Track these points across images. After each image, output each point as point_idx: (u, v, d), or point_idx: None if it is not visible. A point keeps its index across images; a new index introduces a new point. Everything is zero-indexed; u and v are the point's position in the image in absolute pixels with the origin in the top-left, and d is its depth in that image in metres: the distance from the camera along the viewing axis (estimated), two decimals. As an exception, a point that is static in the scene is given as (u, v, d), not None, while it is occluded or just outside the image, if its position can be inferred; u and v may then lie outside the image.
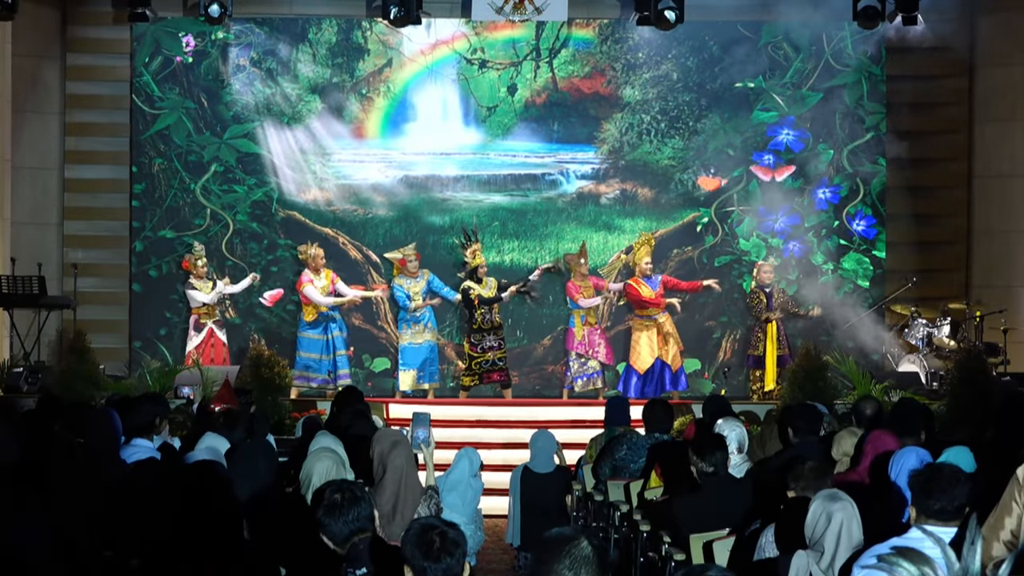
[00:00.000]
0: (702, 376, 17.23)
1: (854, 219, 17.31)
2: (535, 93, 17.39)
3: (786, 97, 17.31)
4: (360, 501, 5.19)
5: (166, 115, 17.23)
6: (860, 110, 17.31)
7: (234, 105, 17.24)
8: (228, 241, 17.20)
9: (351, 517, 5.15)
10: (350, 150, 17.36)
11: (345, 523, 5.15)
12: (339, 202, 17.30)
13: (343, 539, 5.16)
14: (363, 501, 5.20)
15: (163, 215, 17.25)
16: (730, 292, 17.22)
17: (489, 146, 17.43)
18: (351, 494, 5.21)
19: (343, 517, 5.15)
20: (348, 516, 5.15)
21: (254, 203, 17.25)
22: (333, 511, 5.16)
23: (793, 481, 6.32)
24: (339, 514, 5.16)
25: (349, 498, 5.18)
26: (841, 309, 16.71)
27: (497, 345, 15.62)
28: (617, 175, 17.44)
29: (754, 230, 17.26)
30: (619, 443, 9.60)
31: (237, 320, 17.09)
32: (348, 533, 5.15)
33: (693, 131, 17.26)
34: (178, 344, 16.76)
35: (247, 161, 17.27)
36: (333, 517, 5.15)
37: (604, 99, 17.37)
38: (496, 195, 17.42)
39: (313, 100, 17.29)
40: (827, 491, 5.69)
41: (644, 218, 17.39)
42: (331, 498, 5.18)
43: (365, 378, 17.00)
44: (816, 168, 17.28)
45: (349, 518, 5.15)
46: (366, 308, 17.28)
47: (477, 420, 14.96)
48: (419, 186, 17.38)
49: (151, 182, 17.27)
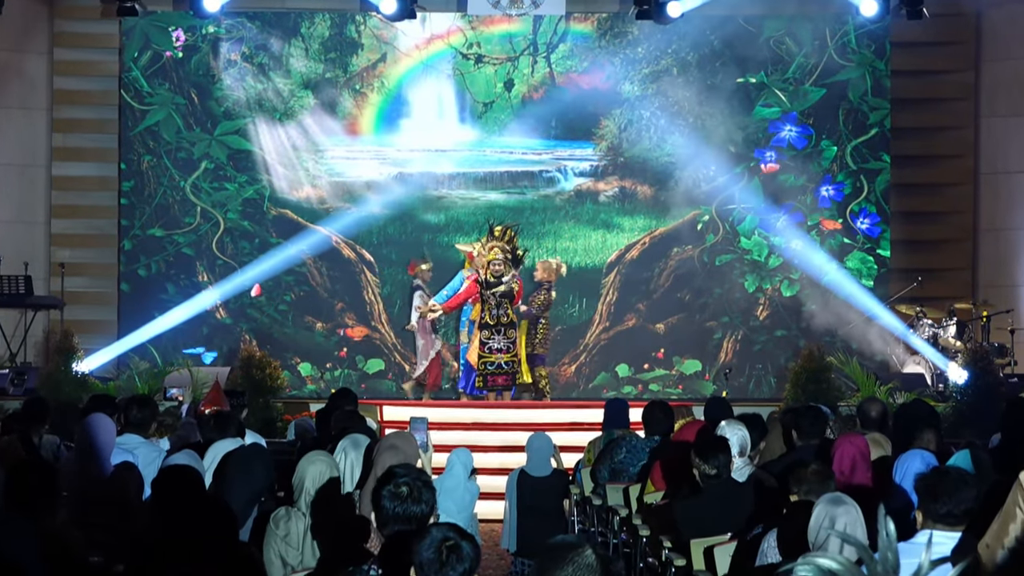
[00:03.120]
0: (703, 378, 17.23)
1: (858, 217, 17.30)
2: (532, 88, 17.38)
3: (788, 92, 17.30)
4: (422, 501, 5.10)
5: (155, 111, 17.21)
6: (864, 106, 17.31)
7: (225, 101, 17.22)
8: (219, 240, 17.19)
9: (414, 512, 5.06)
10: (343, 147, 17.34)
11: (398, 520, 5.05)
12: (332, 200, 17.29)
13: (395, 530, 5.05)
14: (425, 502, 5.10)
15: (152, 213, 17.23)
16: (732, 292, 17.21)
17: (485, 143, 17.42)
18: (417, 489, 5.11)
19: (409, 510, 5.04)
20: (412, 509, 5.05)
21: (245, 201, 17.24)
22: (397, 500, 5.06)
23: (796, 485, 6.31)
24: (399, 504, 5.05)
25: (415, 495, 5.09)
26: (845, 309, 16.70)
27: (506, 348, 15.52)
28: (616, 172, 17.43)
29: (756, 228, 17.25)
30: (618, 446, 9.59)
31: (227, 320, 17.07)
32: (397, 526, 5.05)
33: (693, 127, 17.25)
34: (167, 345, 16.74)
35: (238, 158, 17.25)
36: (399, 504, 5.05)
37: (602, 94, 17.35)
38: (492, 193, 17.41)
39: (306, 96, 17.27)
40: (830, 495, 5.68)
41: (643, 216, 17.39)
42: (397, 489, 5.08)
43: (359, 380, 16.98)
44: (819, 165, 17.28)
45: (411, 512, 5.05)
46: (359, 308, 17.28)
47: (473, 422, 14.93)
48: (414, 183, 17.36)
49: (140, 179, 17.25)
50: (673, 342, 17.30)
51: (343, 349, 17.14)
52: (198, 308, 16.90)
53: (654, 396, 15.98)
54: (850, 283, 17.05)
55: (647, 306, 17.35)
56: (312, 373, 17.15)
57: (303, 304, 17.25)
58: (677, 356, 17.28)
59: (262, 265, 17.03)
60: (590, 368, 17.35)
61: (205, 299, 16.91)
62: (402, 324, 17.14)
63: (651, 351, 17.29)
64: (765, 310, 17.33)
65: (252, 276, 17.01)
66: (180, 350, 16.57)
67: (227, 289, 17.00)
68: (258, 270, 17.05)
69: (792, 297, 17.16)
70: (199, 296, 16.92)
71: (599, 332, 17.33)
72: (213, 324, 17.09)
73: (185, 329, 16.88)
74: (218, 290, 16.96)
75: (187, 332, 16.90)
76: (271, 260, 17.07)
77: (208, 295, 16.93)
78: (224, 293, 17.01)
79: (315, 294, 17.27)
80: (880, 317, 16.63)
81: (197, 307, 16.90)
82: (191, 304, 16.91)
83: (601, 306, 17.29)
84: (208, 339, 17.02)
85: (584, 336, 17.33)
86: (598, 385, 17.23)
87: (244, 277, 17.00)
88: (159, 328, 16.77)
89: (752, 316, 17.29)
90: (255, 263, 17.05)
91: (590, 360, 17.35)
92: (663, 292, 17.37)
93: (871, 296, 17.01)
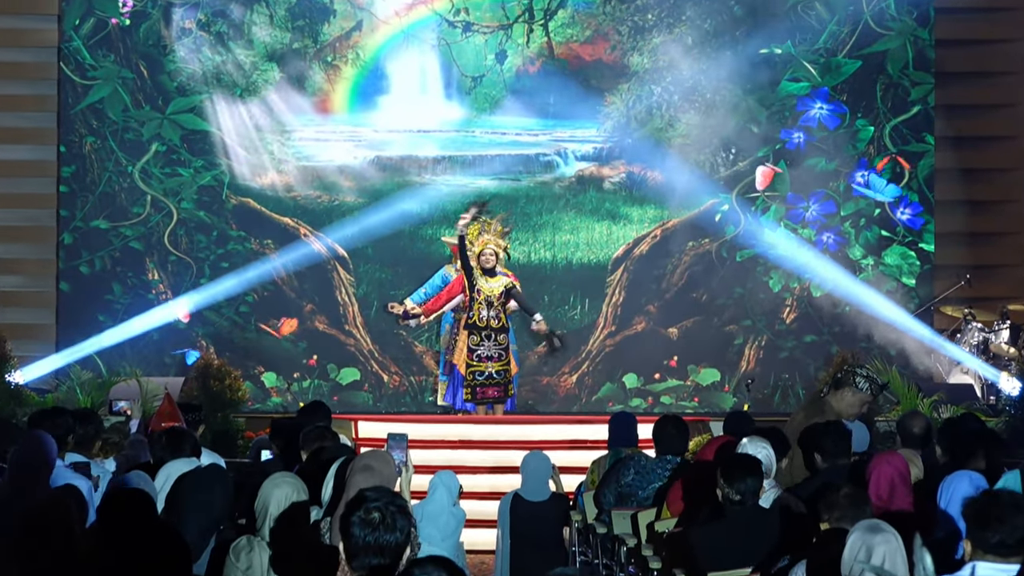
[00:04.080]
0: (722, 389, 17.24)
1: (898, 207, 17.31)
2: (528, 61, 17.38)
3: (819, 66, 17.31)
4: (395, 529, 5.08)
5: (99, 86, 17.19)
6: (905, 80, 17.32)
7: (178, 75, 17.20)
8: (171, 233, 17.17)
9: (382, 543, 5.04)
10: (313, 127, 17.33)
11: (368, 550, 5.04)
12: (300, 187, 17.28)
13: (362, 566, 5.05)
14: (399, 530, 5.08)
15: (96, 203, 17.21)
16: (755, 292, 17.22)
17: (474, 122, 17.42)
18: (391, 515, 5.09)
19: (374, 539, 5.03)
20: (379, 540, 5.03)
21: (202, 189, 17.22)
22: (368, 527, 5.04)
23: (826, 511, 6.30)
24: (370, 533, 5.03)
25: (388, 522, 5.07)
26: (883, 311, 16.71)
27: (497, 355, 15.51)
28: (623, 156, 17.43)
29: (782, 219, 17.26)
30: (625, 466, 9.58)
31: (181, 324, 17.06)
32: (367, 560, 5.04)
33: (711, 105, 17.25)
34: (113, 352, 16.72)
35: (193, 140, 17.23)
36: (363, 531, 5.03)
37: (608, 68, 17.36)
38: (483, 179, 17.40)
39: (270, 69, 17.26)
40: (867, 521, 5.67)
41: (654, 205, 17.40)
42: (368, 516, 5.06)
43: (331, 391, 16.98)
44: (853, 148, 17.29)
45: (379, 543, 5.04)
46: (332, 310, 17.27)
47: (460, 440, 14.92)
48: (393, 169, 17.35)
49: (82, 164, 17.22)
50: (688, 349, 17.30)
51: (312, 357, 17.13)
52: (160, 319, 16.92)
53: (666, 410, 15.99)
54: (889, 282, 17.06)
55: (658, 308, 17.35)
56: (278, 384, 17.14)
57: (267, 306, 17.23)
58: (692, 364, 17.28)
59: (220, 261, 17.03)
60: (593, 378, 17.35)
61: (168, 310, 16.91)
62: (379, 329, 17.15)
63: (663, 359, 17.28)
64: (792, 312, 17.34)
65: (208, 274, 16.99)
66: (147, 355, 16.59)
67: (177, 284, 17.01)
68: (216, 267, 17.04)
69: (823, 297, 17.16)
70: (162, 307, 16.93)
71: (604, 337, 17.34)
72: (164, 327, 17.05)
73: (133, 334, 16.83)
74: (188, 299, 16.94)
75: (136, 339, 16.86)
76: (232, 257, 17.07)
77: (175, 307, 16.94)
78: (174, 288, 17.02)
79: (281, 294, 17.25)
80: (922, 320, 16.64)
81: (159, 318, 16.91)
82: (142, 307, 16.91)
83: (606, 308, 17.30)
84: (159, 345, 16.99)
85: (587, 342, 17.33)
86: (602, 398, 17.24)
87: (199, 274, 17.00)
88: (104, 333, 16.74)
89: (778, 319, 17.30)
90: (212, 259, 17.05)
91: (593, 369, 17.35)
92: (676, 292, 17.37)
93: (913, 296, 17.02)
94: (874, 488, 7.25)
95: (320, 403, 10.58)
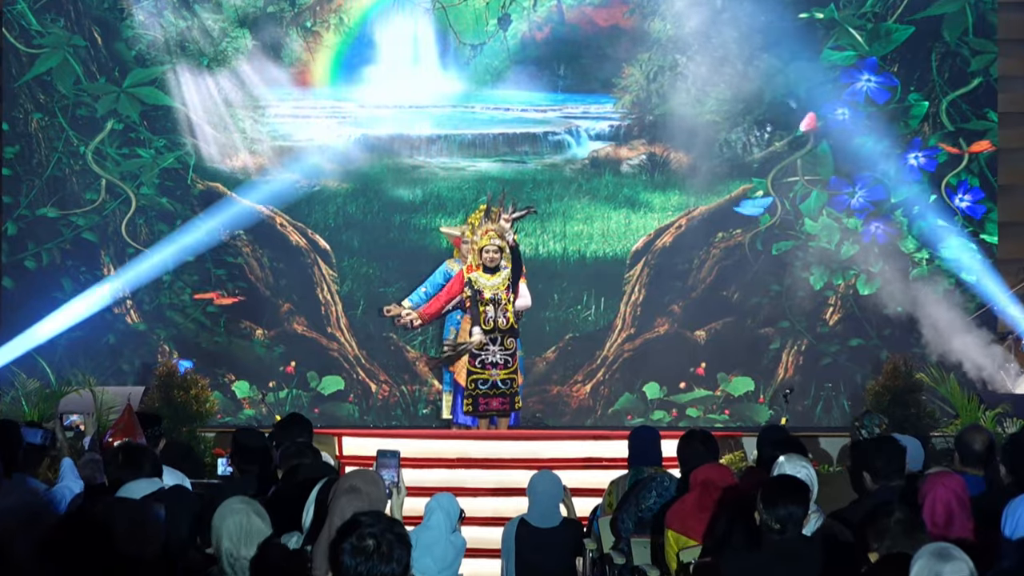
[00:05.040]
0: (756, 400, 17.24)
1: (956, 192, 17.31)
2: (535, 26, 17.38)
3: (866, 32, 17.31)
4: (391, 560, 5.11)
5: (47, 55, 17.20)
6: (964, 49, 17.31)
7: (137, 43, 17.21)
8: (129, 222, 17.18)
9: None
10: (290, 102, 17.34)
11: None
12: (276, 170, 17.28)
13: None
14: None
15: (43, 188, 17.21)
16: (793, 289, 17.22)
17: (474, 97, 17.43)
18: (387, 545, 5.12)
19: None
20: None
21: (164, 172, 17.23)
22: (361, 556, 5.08)
23: (876, 539, 6.29)
24: (363, 563, 5.07)
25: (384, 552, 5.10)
26: (939, 311, 16.71)
27: (503, 362, 15.54)
28: (643, 135, 17.44)
29: (824, 207, 17.26)
30: (647, 488, 9.59)
31: (141, 326, 17.07)
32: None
33: (743, 77, 17.25)
34: (63, 358, 16.72)
35: (154, 117, 17.24)
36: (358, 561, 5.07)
37: (626, 34, 17.36)
38: (483, 161, 17.42)
39: (241, 36, 17.27)
40: (935, 546, 5.60)
41: (678, 191, 17.40)
42: (361, 543, 5.10)
43: (311, 403, 16.99)
44: (906, 125, 17.28)
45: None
46: (312, 310, 17.28)
47: (459, 458, 14.95)
48: (381, 149, 17.37)
49: (27, 144, 17.23)
50: (717, 354, 17.31)
51: (290, 363, 17.13)
52: (100, 306, 16.93)
53: (693, 424, 16.00)
54: (946, 278, 17.05)
55: (683, 308, 17.36)
56: (250, 395, 17.15)
57: (239, 305, 17.24)
58: (722, 372, 17.29)
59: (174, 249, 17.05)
60: (610, 388, 17.36)
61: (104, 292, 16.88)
62: (366, 331, 17.16)
63: (689, 366, 17.30)
64: (836, 313, 17.34)
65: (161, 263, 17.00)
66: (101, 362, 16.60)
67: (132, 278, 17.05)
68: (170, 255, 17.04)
69: (871, 296, 17.16)
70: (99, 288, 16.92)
71: (622, 341, 17.34)
72: (122, 331, 17.07)
73: (86, 337, 16.86)
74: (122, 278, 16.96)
75: (88, 341, 16.88)
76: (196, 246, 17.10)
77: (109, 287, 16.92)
78: (129, 283, 17.02)
79: (255, 292, 17.26)
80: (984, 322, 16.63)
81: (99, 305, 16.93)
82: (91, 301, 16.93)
83: (624, 308, 17.31)
84: (115, 350, 17.00)
85: (602, 347, 17.34)
86: (620, 410, 17.25)
87: (152, 262, 17.00)
88: (53, 335, 16.75)
89: (819, 320, 17.30)
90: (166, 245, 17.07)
91: (610, 378, 17.36)
92: (704, 290, 17.38)
93: (973, 295, 17.02)
94: (929, 513, 7.24)
95: (299, 416, 10.59)
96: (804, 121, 17.23)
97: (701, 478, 8.66)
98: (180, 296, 17.18)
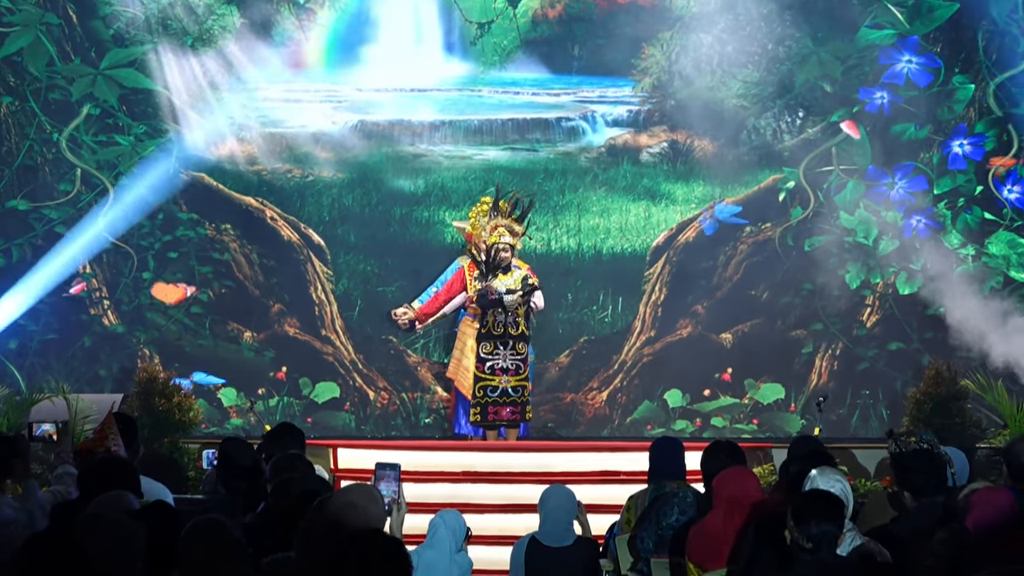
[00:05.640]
0: (787, 409, 17.24)
1: (1004, 183, 17.31)
2: (547, 3, 17.39)
3: (906, 9, 17.30)
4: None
5: (17, 34, 17.22)
6: (1013, 27, 17.30)
7: (115, 20, 17.22)
8: (107, 214, 17.19)
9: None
10: (282, 84, 17.36)
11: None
12: (266, 159, 17.30)
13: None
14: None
15: (13, 178, 17.24)
16: (827, 288, 17.22)
17: (481, 79, 17.44)
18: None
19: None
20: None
21: (144, 161, 17.24)
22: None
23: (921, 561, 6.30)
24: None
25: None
26: (986, 311, 16.71)
27: (514, 368, 15.55)
28: (664, 121, 17.45)
29: (861, 199, 17.26)
30: (668, 504, 9.59)
31: (120, 328, 17.09)
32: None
33: (773, 58, 17.26)
34: (35, 363, 16.75)
35: (134, 101, 17.26)
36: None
37: (646, 12, 17.36)
38: (491, 149, 17.43)
39: (229, 14, 17.28)
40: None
41: (702, 182, 17.41)
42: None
43: (303, 411, 17.01)
44: (950, 110, 17.28)
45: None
46: (305, 311, 17.30)
47: (465, 471, 14.96)
48: (380, 136, 17.38)
49: (-4, 131, 17.28)
50: (745, 359, 17.32)
51: (281, 369, 17.15)
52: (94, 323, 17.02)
53: (718, 434, 16.01)
54: (994, 275, 17.05)
55: (708, 308, 17.37)
56: (238, 402, 17.16)
57: (225, 305, 17.26)
58: (750, 378, 17.29)
59: (167, 250, 17.09)
60: (629, 395, 17.37)
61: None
62: (364, 334, 17.17)
63: (714, 371, 17.31)
64: (874, 314, 17.35)
65: (152, 266, 17.04)
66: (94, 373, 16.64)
67: (114, 278, 17.07)
68: (162, 258, 17.09)
69: (911, 296, 17.17)
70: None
71: (641, 345, 17.36)
72: (99, 333, 17.09)
73: (59, 340, 16.88)
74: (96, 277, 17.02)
75: (62, 344, 16.90)
76: (182, 245, 17.12)
77: None
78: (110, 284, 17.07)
79: (242, 291, 17.28)
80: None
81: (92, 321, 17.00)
82: (71, 307, 16.96)
83: (644, 308, 17.32)
84: (91, 354, 17.02)
85: (620, 351, 17.36)
86: (640, 419, 17.26)
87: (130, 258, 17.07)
88: (23, 339, 16.78)
89: (856, 322, 17.30)
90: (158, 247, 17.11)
91: (628, 384, 17.37)
92: (731, 289, 17.39)
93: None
94: (972, 531, 7.24)
95: (290, 426, 10.60)
96: (845, 124, 17.22)
97: (726, 494, 8.65)
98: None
